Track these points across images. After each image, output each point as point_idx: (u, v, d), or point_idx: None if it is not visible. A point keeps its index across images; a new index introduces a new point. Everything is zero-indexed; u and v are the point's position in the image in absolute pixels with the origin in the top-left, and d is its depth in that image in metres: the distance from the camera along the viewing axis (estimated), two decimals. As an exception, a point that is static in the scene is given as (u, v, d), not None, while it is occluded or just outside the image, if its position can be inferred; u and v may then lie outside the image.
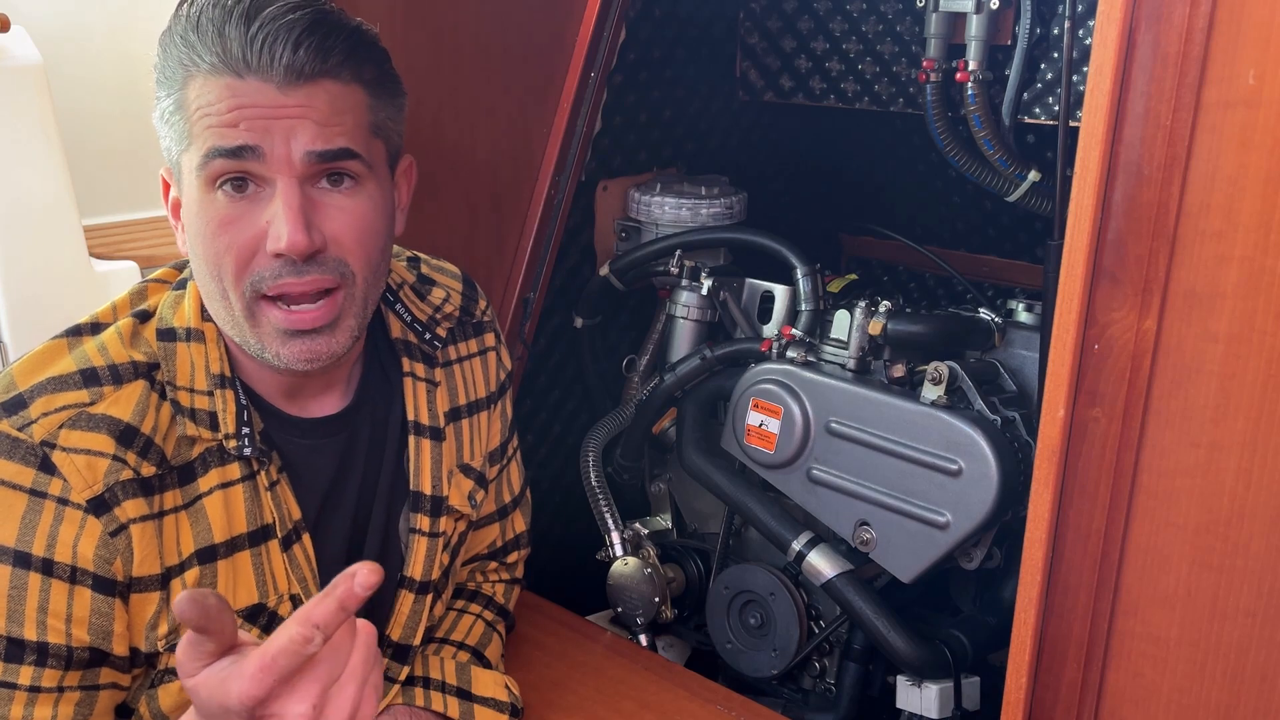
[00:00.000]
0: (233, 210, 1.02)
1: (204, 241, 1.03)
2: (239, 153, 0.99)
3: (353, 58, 1.04)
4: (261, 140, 1.00)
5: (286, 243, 1.00)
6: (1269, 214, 0.99)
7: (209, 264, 1.04)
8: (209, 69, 1.00)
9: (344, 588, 0.78)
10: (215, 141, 1.00)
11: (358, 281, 1.06)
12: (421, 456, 1.23)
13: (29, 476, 0.99)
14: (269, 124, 1.00)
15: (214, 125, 1.00)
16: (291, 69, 1.00)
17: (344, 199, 1.04)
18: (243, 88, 1.00)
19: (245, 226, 1.02)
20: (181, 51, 1.02)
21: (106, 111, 3.21)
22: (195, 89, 1.01)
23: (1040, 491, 1.13)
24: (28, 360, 1.05)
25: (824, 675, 1.61)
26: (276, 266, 1.02)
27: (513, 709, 1.27)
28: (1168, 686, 1.11)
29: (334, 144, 1.02)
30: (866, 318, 1.50)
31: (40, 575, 0.99)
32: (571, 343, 1.88)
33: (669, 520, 1.83)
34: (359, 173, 1.05)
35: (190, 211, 1.04)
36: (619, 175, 1.86)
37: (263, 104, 1.00)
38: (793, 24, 1.89)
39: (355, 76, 1.05)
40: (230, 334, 1.08)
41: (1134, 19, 1.02)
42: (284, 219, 1.00)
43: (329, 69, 1.02)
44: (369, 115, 1.07)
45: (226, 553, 1.09)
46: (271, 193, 1.01)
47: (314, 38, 1.01)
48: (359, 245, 1.06)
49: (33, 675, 1.00)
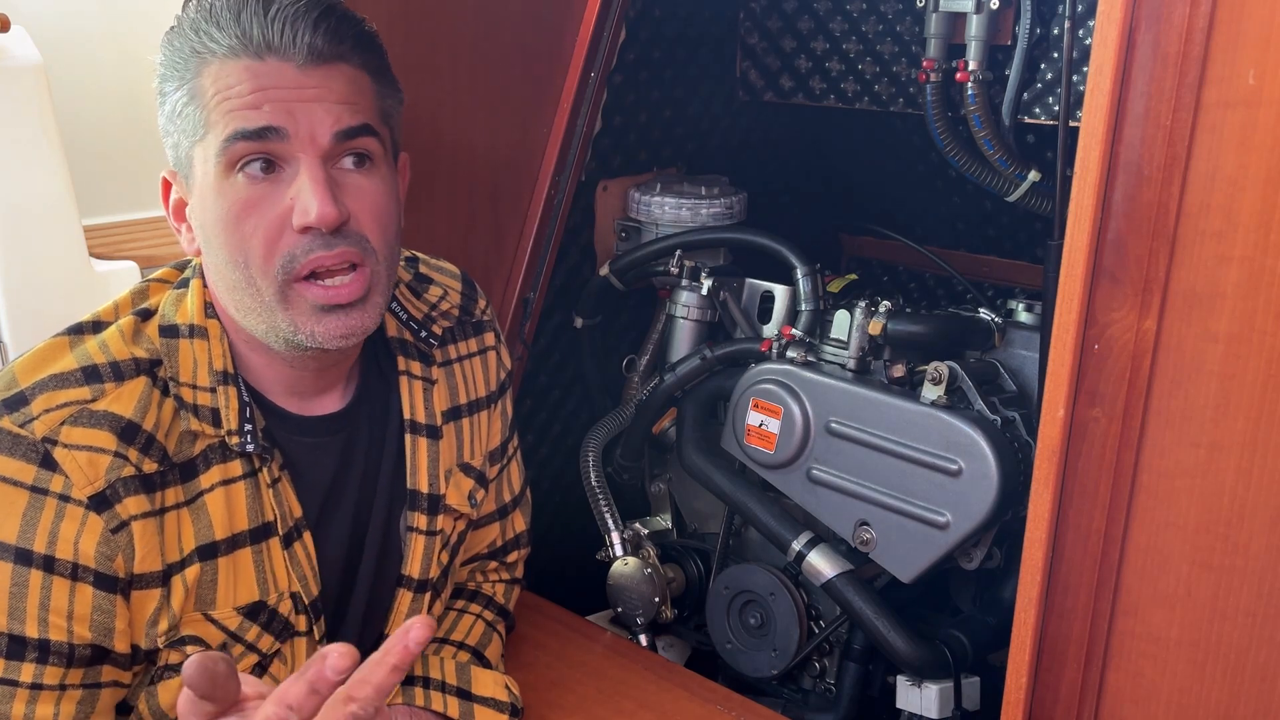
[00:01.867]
0: (255, 192, 1.03)
1: (226, 228, 1.03)
2: (263, 134, 1.01)
3: (361, 45, 1.08)
4: (285, 121, 1.01)
5: (317, 214, 1.01)
6: (1269, 214, 0.99)
7: (232, 251, 1.04)
8: (226, 52, 1.02)
9: (315, 670, 0.78)
10: (238, 124, 1.01)
11: (380, 259, 1.08)
12: (418, 455, 1.23)
13: (30, 473, 0.99)
14: (291, 105, 1.02)
15: (236, 108, 1.01)
16: (312, 50, 1.02)
17: (362, 179, 1.07)
18: (263, 69, 1.01)
19: (269, 207, 1.03)
20: (194, 40, 1.03)
21: (106, 111, 3.21)
22: (211, 74, 1.02)
23: (1040, 491, 1.13)
24: (29, 358, 1.05)
25: (824, 675, 1.61)
26: (306, 242, 1.03)
27: (513, 709, 1.27)
28: (1168, 686, 1.11)
29: (356, 120, 1.05)
30: (866, 318, 1.50)
31: (42, 572, 0.99)
32: (571, 343, 1.88)
33: (669, 520, 1.83)
34: (375, 153, 1.08)
35: (206, 201, 1.04)
36: (619, 175, 1.86)
37: (285, 85, 1.02)
38: (793, 24, 1.89)
39: (364, 64, 1.08)
40: (253, 323, 1.08)
41: (1134, 19, 1.02)
42: (312, 192, 1.02)
43: (344, 52, 1.05)
44: (377, 101, 1.10)
45: (227, 550, 1.09)
46: (292, 173, 1.03)
47: (330, 20, 1.04)
48: (377, 223, 1.08)
49: (34, 673, 1.00)
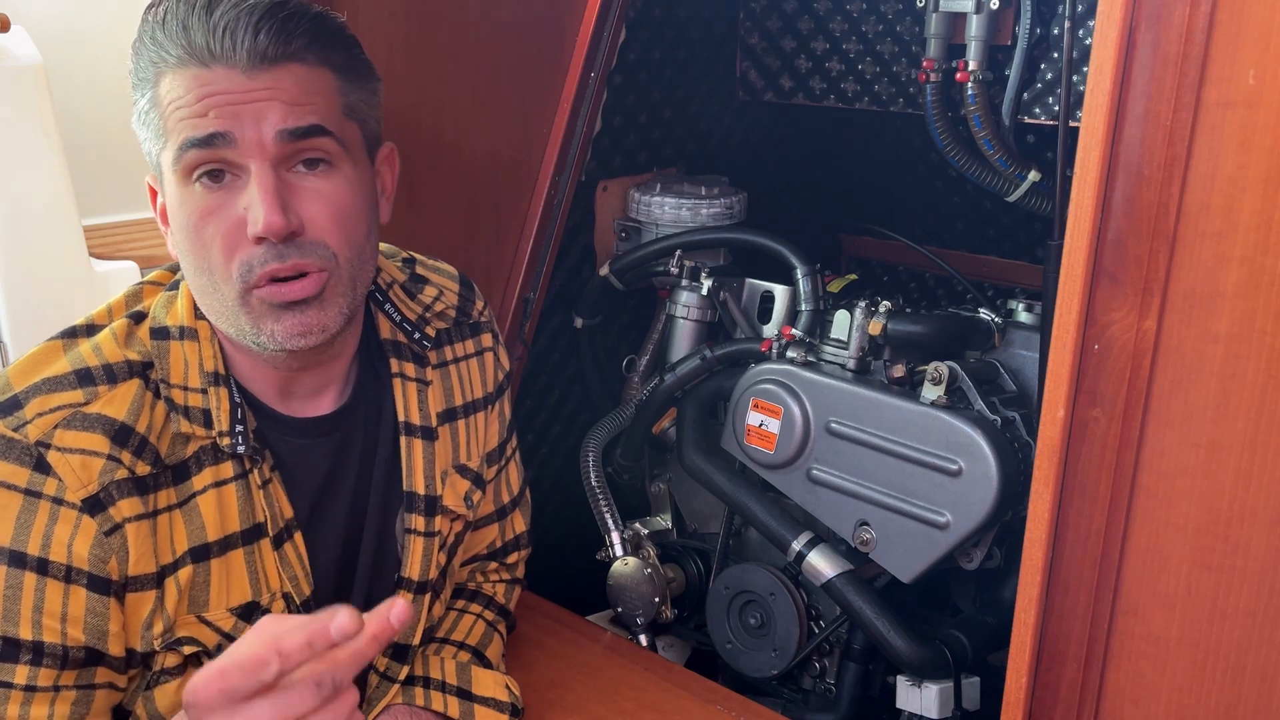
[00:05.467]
0: (211, 201, 1.02)
1: (189, 236, 1.03)
2: (211, 140, 1.00)
3: (318, 41, 1.05)
4: (232, 126, 1.00)
5: (263, 225, 1.00)
6: (1269, 214, 0.99)
7: (195, 258, 1.04)
8: (176, 62, 1.01)
9: (318, 628, 0.77)
10: (188, 133, 1.00)
11: (340, 263, 1.06)
12: (413, 456, 1.23)
13: (24, 476, 0.99)
14: (237, 109, 1.00)
15: (186, 117, 1.01)
16: (254, 52, 1.01)
17: (319, 181, 1.05)
18: (209, 76, 1.01)
19: (225, 216, 1.02)
20: (151, 50, 1.03)
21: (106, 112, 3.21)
22: (166, 84, 1.02)
23: (1040, 491, 1.13)
24: (23, 362, 1.05)
25: (824, 675, 1.61)
26: (260, 252, 1.02)
27: (513, 709, 1.27)
28: (1168, 686, 1.11)
29: (304, 121, 1.02)
30: (866, 318, 1.50)
31: (36, 575, 0.99)
32: (571, 343, 1.88)
33: (669, 520, 1.83)
34: (333, 154, 1.05)
35: (172, 208, 1.05)
36: (619, 175, 1.86)
37: (230, 90, 1.00)
38: (793, 24, 1.89)
39: (322, 60, 1.05)
40: (224, 327, 1.08)
41: (1134, 19, 1.02)
42: (259, 202, 1.00)
43: (293, 52, 1.03)
44: (340, 97, 1.07)
45: (219, 551, 1.09)
46: (247, 180, 1.02)
47: (274, 21, 1.02)
48: (337, 226, 1.05)
49: (28, 674, 1.00)
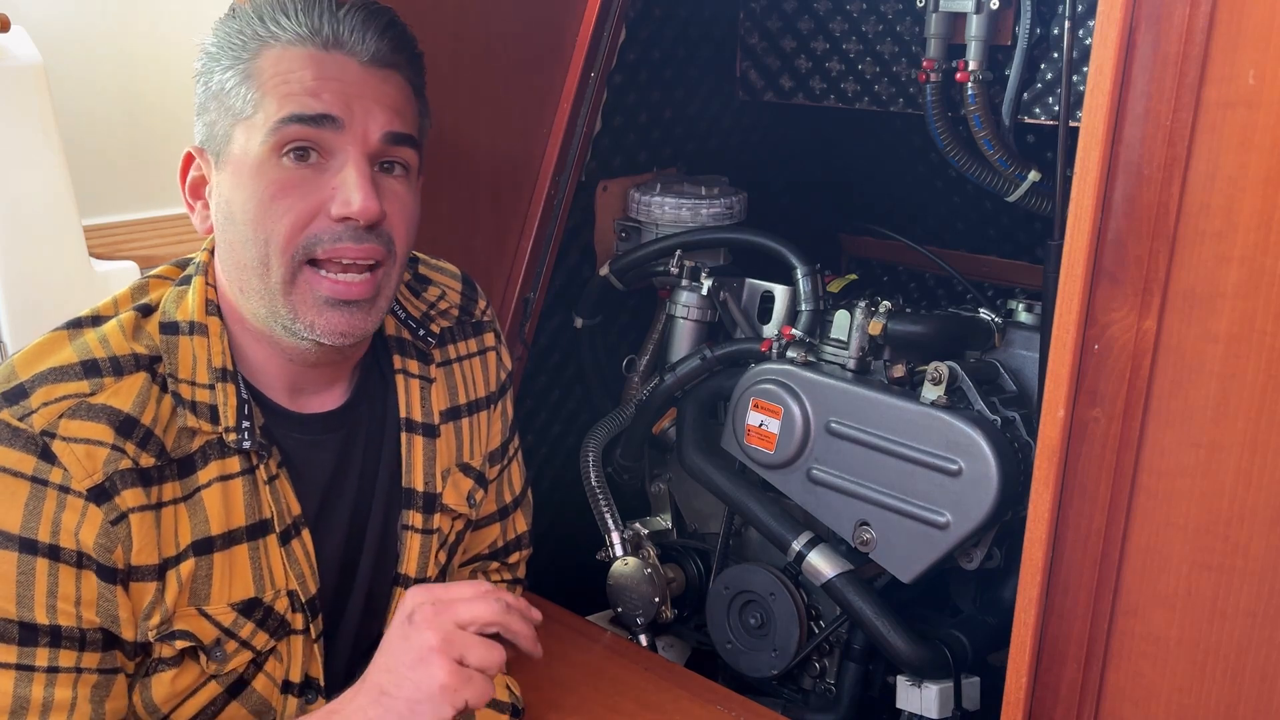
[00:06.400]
0: (295, 176, 1.05)
1: (259, 205, 1.05)
2: (319, 120, 1.04)
3: (415, 62, 1.15)
4: (343, 112, 1.04)
5: (359, 207, 1.04)
6: (1269, 214, 0.99)
7: (256, 228, 1.05)
8: (291, 39, 1.05)
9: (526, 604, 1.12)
10: (295, 108, 1.03)
11: (397, 261, 1.11)
12: (414, 453, 1.23)
13: (30, 464, 0.99)
14: (351, 99, 1.05)
15: (295, 92, 1.04)
16: (377, 53, 1.07)
17: (397, 184, 1.10)
18: (327, 61, 1.05)
19: (308, 193, 1.05)
20: (257, 24, 1.06)
21: (106, 112, 3.21)
22: (272, 58, 1.05)
23: (1040, 491, 1.13)
24: (29, 351, 1.05)
25: (824, 675, 1.61)
26: (337, 230, 1.05)
27: (513, 709, 1.27)
28: (1168, 686, 1.11)
29: (405, 128, 1.09)
30: (866, 318, 1.50)
31: (47, 560, 0.99)
32: (571, 343, 1.88)
33: (669, 520, 1.83)
34: (412, 165, 1.12)
35: (241, 178, 1.06)
36: (619, 175, 1.86)
37: (346, 78, 1.05)
38: (793, 24, 1.89)
39: (412, 80, 1.13)
40: (255, 307, 1.09)
41: (1134, 19, 1.02)
42: (357, 186, 1.04)
43: (401, 63, 1.10)
44: (419, 118, 1.14)
45: (223, 545, 1.09)
46: (335, 164, 1.05)
47: (394, 29, 1.10)
48: (404, 228, 1.11)
49: (49, 656, 1.00)
